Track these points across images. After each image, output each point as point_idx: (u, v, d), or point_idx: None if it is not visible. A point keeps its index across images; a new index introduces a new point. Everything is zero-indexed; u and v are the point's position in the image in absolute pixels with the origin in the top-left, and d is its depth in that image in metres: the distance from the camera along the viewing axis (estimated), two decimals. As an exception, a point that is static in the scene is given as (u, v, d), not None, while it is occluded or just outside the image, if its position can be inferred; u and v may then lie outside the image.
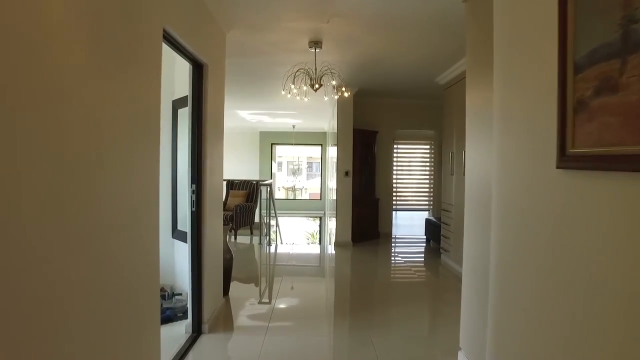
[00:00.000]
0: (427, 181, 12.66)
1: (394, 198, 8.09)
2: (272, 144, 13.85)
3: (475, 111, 2.79)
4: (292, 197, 15.78)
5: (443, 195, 5.92)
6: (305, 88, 4.17)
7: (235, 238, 7.30)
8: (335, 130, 7.51)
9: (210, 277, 3.43)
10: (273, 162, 14.06)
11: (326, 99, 5.67)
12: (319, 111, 9.55)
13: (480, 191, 2.59)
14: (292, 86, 4.19)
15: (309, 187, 22.94)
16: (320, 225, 14.62)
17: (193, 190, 3.15)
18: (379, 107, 7.75)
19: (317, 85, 4.03)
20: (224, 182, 8.89)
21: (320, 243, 14.57)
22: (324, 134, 13.40)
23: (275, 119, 11.32)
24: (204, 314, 3.29)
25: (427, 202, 12.72)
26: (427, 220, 7.23)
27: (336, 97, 4.52)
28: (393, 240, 7.75)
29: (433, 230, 6.85)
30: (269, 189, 6.80)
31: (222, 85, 3.74)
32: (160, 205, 2.25)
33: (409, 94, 7.37)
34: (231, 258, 4.27)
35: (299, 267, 5.75)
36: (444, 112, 5.95)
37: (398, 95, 7.51)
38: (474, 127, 2.82)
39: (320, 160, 14.76)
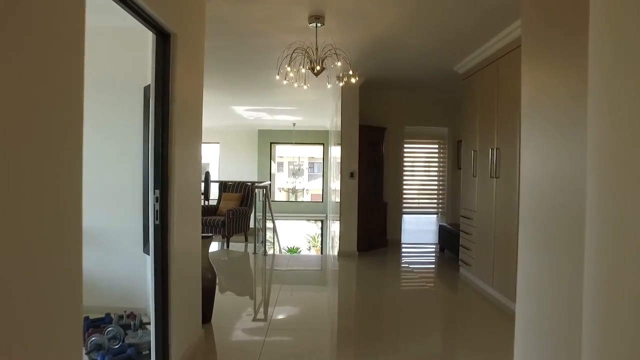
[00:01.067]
0: (436, 183, 11.99)
1: (403, 202, 7.36)
2: (271, 143, 13.13)
3: (541, 98, 2.03)
4: (292, 200, 15.06)
5: (463, 200, 5.18)
6: (303, 71, 3.44)
7: (228, 246, 6.58)
8: (339, 128, 6.78)
9: (182, 305, 2.70)
10: (272, 162, 13.34)
11: (329, 86, 4.95)
12: (320, 107, 8.82)
13: (550, 201, 1.84)
14: (288, 69, 3.45)
15: (311, 188, 22.24)
16: (322, 229, 13.89)
17: (157, 198, 2.42)
18: (387, 101, 7.02)
19: (318, 67, 3.30)
20: (217, 185, 8.19)
21: (321, 250, 13.85)
22: (326, 132, 12.68)
23: (274, 116, 10.60)
24: (171, 353, 2.57)
25: (435, 205, 12.03)
26: (441, 228, 6.49)
27: (341, 84, 3.81)
28: (402, 248, 7.02)
29: (448, 238, 6.12)
30: (264, 192, 6.07)
31: (198, 64, 3.00)
32: (128, 213, 1.51)
33: (422, 86, 6.64)
34: (214, 278, 3.54)
35: (297, 286, 5.03)
36: (463, 106, 5.22)
37: (409, 88, 6.78)
38: (536, 119, 2.06)
39: (322, 161, 14.04)
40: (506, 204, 3.94)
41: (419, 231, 8.73)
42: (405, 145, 7.38)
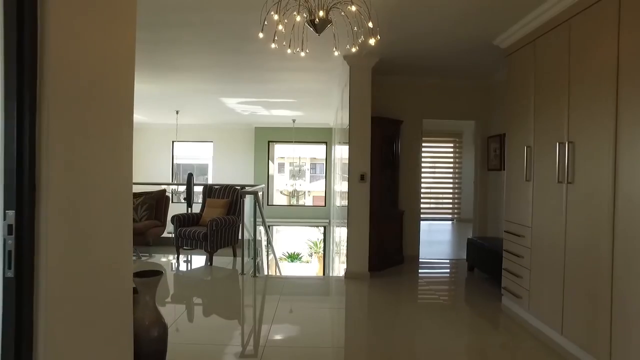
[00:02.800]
0: (451, 186, 10.81)
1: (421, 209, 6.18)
2: (269, 142, 11.99)
3: None
4: (293, 204, 13.90)
5: (508, 210, 4.01)
6: (298, 19, 2.26)
7: (211, 262, 5.43)
8: (345, 124, 5.65)
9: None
10: (271, 162, 12.20)
11: (337, 54, 3.80)
12: (323, 99, 7.66)
13: None
14: (276, 17, 2.27)
15: (312, 190, 21.06)
16: (324, 235, 12.72)
17: (9, 228, 1.26)
18: (402, 89, 5.86)
19: (321, 13, 2.14)
20: (201, 188, 7.03)
21: (324, 258, 12.67)
22: (330, 130, 11.53)
23: (272, 111, 9.44)
24: None
25: (450, 211, 10.84)
26: (470, 242, 5.32)
27: (354, 48, 2.66)
28: (422, 266, 5.85)
29: (480, 255, 4.96)
30: (255, 199, 4.91)
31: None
32: None
33: (446, 69, 5.47)
34: (163, 334, 2.39)
35: (292, 326, 3.87)
36: (508, 89, 4.04)
37: (431, 72, 5.62)
38: None
39: (324, 161, 12.89)
40: (588, 219, 2.77)
41: (431, 242, 7.59)
42: (425, 143, 6.22)
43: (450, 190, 10.78)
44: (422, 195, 6.25)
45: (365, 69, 4.85)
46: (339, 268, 6.69)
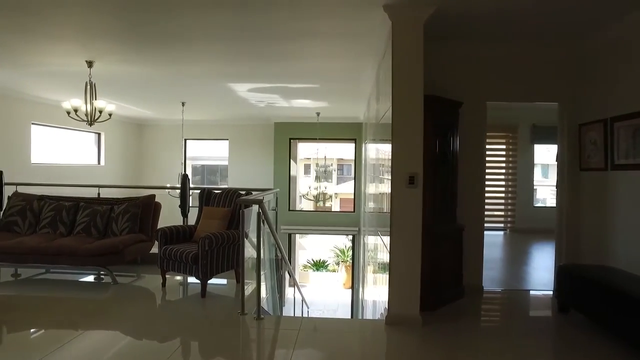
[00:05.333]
0: (503, 189, 9.14)
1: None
2: (290, 140, 10.62)
3: None
4: (319, 209, 12.47)
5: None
6: None
7: (203, 294, 4.05)
8: (381, 115, 4.26)
9: None
10: (293, 162, 10.82)
11: None
12: (353, 84, 6.20)
13: None
14: None
15: (339, 192, 19.58)
16: (353, 245, 11.23)
17: None
18: (459, 61, 4.35)
19: None
20: (196, 193, 5.70)
21: (353, 271, 11.15)
22: (359, 125, 10.07)
23: (291, 101, 8.05)
24: None
25: (502, 219, 9.16)
26: (564, 271, 3.74)
27: None
28: (487, 302, 4.32)
29: (583, 292, 3.39)
30: (260, 209, 3.49)
31: None
32: None
33: (521, 31, 3.94)
34: None
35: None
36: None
37: (500, 36, 4.10)
38: None
39: (353, 162, 11.43)
40: None
41: (486, 260, 6.02)
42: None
43: (502, 195, 9.13)
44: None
45: (415, 24, 3.38)
46: (371, 286, 5.21)
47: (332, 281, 16.60)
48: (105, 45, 4.61)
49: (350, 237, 11.69)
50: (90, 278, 4.94)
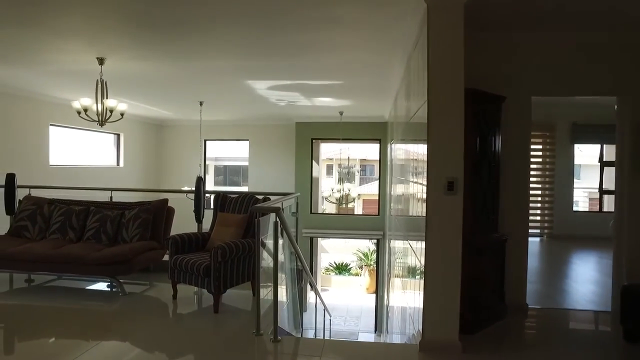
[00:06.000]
0: (539, 192, 8.53)
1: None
2: (312, 140, 10.24)
3: None
4: (342, 212, 12.07)
5: None
6: None
7: (216, 309, 3.69)
8: (412, 114, 3.84)
9: None
10: (314, 163, 10.45)
11: None
12: (379, 80, 5.78)
13: None
14: None
15: (362, 193, 19.06)
16: (378, 249, 10.75)
17: None
18: (500, 50, 3.87)
19: None
20: (210, 197, 5.37)
21: (377, 277, 10.65)
22: (384, 125, 9.61)
23: (313, 100, 7.67)
24: None
25: (539, 225, 8.54)
26: (629, 292, 3.22)
27: None
28: (535, 323, 3.83)
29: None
30: (278, 218, 3.11)
31: None
32: None
33: (576, 15, 3.44)
34: None
35: None
36: None
37: (545, 21, 3.61)
38: None
39: (376, 163, 10.98)
40: None
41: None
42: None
43: (539, 199, 8.52)
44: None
45: (454, 7, 2.93)
46: (398, 293, 4.77)
47: (354, 285, 16.15)
48: (116, 41, 4.33)
49: (375, 241, 11.23)
50: (101, 285, 4.67)
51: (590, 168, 12.08)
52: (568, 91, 4.06)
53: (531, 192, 7.97)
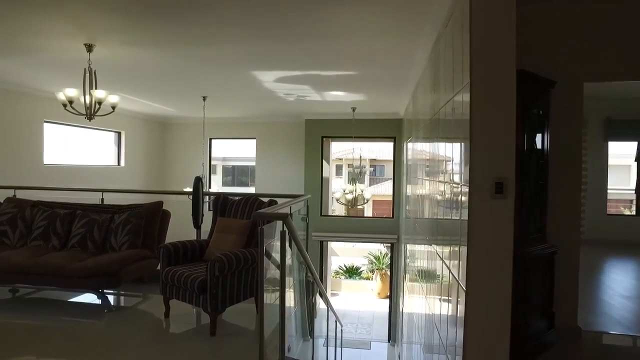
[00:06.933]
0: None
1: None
2: (322, 138, 9.69)
3: None
4: (353, 215, 11.50)
5: None
6: None
7: (213, 332, 3.16)
8: (432, 111, 3.30)
9: None
10: (325, 163, 9.89)
11: None
12: (398, 71, 5.21)
13: None
14: None
15: (374, 192, 18.44)
16: (392, 254, 10.16)
17: None
18: (554, 27, 3.29)
19: None
20: (208, 199, 4.85)
21: (391, 283, 10.02)
22: (399, 122, 9.04)
23: (324, 94, 7.12)
24: None
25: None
26: None
27: None
28: (589, 349, 3.23)
29: None
30: (285, 227, 2.57)
31: None
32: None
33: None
34: None
35: None
36: None
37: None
38: None
39: (386, 162, 10.37)
40: None
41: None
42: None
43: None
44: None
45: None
46: (417, 296, 4.17)
47: (365, 289, 15.55)
48: (105, 23, 3.81)
49: (389, 245, 10.64)
50: (91, 297, 4.15)
51: (615, 168, 11.39)
52: (629, 75, 3.45)
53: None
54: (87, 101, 4.28)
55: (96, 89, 4.28)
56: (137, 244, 3.97)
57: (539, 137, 3.06)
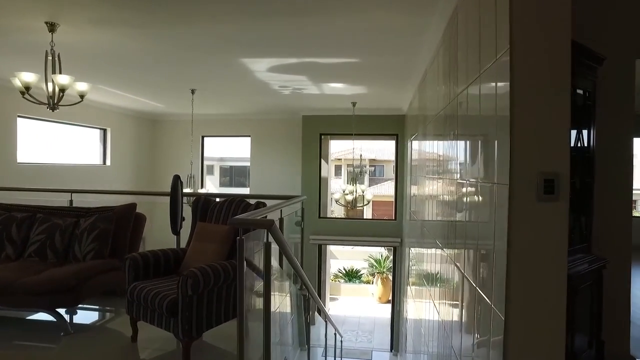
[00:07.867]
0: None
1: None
2: (321, 135, 9.13)
3: None
4: (352, 216, 10.93)
5: None
6: None
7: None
8: (444, 103, 2.74)
9: None
10: (323, 162, 9.33)
11: None
12: (405, 55, 4.65)
13: None
14: None
15: (375, 193, 17.87)
16: (394, 258, 9.58)
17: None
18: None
19: None
20: (186, 203, 4.27)
21: (394, 286, 9.43)
22: (402, 118, 8.49)
23: (322, 86, 6.55)
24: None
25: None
26: None
27: None
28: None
29: None
30: (271, 237, 2.02)
31: None
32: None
33: None
34: None
35: None
36: None
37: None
38: None
39: (387, 162, 9.81)
40: None
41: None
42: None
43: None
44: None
45: None
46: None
47: (366, 293, 14.98)
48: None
49: (392, 249, 10.08)
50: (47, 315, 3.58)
51: None
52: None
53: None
54: (50, 89, 3.70)
55: (60, 73, 3.71)
56: (104, 253, 3.40)
57: (585, 127, 2.51)
